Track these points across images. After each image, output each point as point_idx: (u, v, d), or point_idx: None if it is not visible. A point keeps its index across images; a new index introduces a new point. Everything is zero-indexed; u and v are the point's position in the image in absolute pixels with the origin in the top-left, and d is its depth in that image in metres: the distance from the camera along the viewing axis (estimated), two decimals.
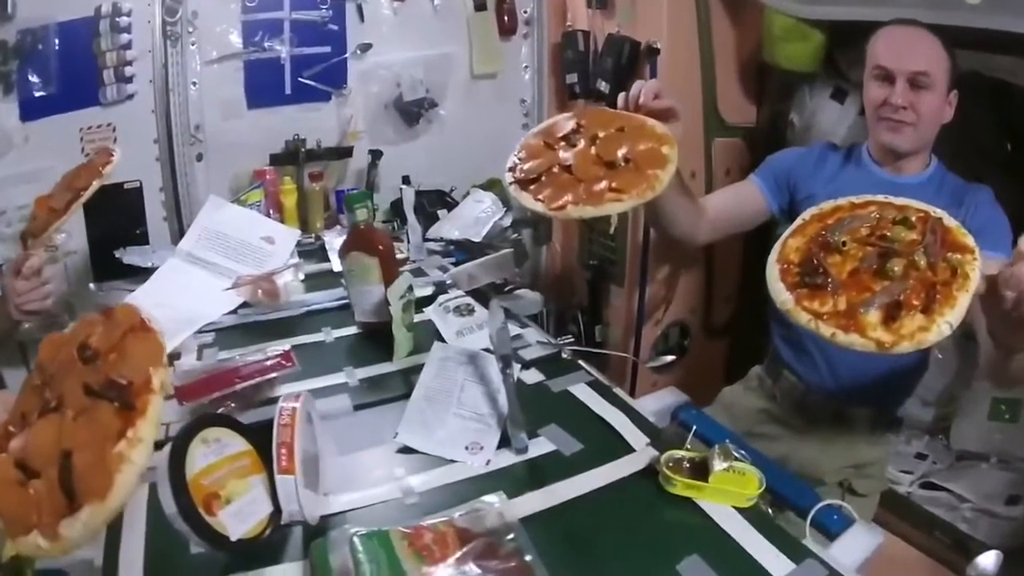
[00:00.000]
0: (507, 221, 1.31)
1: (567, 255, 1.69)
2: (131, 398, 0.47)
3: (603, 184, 0.65)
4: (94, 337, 0.52)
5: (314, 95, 1.33)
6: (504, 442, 0.66)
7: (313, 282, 1.10)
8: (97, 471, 0.44)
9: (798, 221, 0.60)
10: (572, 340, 0.90)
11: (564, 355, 0.85)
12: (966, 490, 1.20)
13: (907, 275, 0.52)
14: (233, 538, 0.51)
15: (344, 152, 1.37)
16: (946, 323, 0.49)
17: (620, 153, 0.66)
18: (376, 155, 1.38)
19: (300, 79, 1.30)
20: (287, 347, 0.75)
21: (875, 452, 0.97)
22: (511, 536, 0.51)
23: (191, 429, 0.53)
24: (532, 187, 0.67)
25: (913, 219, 0.55)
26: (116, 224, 1.21)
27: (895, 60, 0.86)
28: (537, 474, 0.63)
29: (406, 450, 0.66)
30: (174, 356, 0.85)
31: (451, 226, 1.30)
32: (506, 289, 1.08)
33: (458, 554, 0.49)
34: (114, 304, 0.55)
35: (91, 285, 1.11)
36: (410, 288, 0.85)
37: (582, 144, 0.69)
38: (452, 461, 0.64)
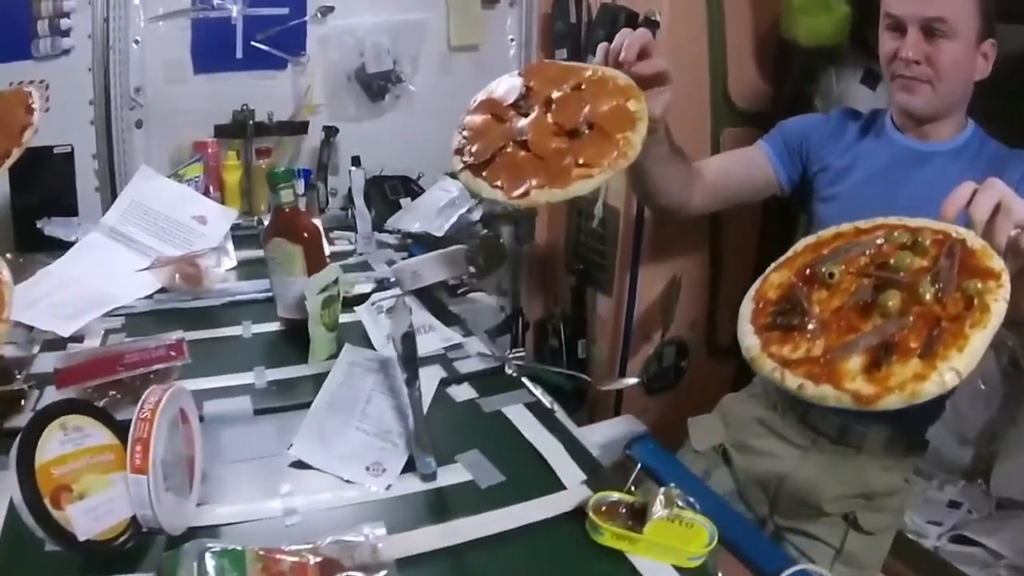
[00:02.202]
0: (476, 215, 1.31)
1: (551, 256, 1.69)
2: None
3: (568, 159, 0.63)
4: None
5: (268, 61, 1.34)
6: (412, 465, 0.65)
7: (248, 270, 1.10)
8: None
9: (789, 252, 0.58)
10: (522, 354, 0.90)
11: (509, 371, 0.85)
12: (1004, 546, 1.15)
13: (906, 311, 0.48)
14: (81, 537, 0.51)
15: (298, 127, 1.38)
16: (951, 370, 0.44)
17: (581, 118, 0.64)
18: (331, 132, 1.39)
19: (253, 43, 1.32)
20: (179, 337, 0.76)
21: (890, 480, 0.91)
22: (385, 572, 0.51)
23: (49, 412, 0.54)
24: (486, 172, 0.65)
25: (928, 242, 0.52)
26: (43, 191, 1.23)
27: (904, 4, 0.82)
28: (442, 506, 0.63)
29: (300, 464, 0.66)
30: (76, 339, 0.87)
31: (412, 217, 1.30)
32: (460, 292, 1.09)
33: None
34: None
35: (7, 255, 1.14)
36: (335, 282, 0.86)
37: (536, 112, 0.67)
38: (349, 482, 0.64)
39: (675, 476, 0.70)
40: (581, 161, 0.63)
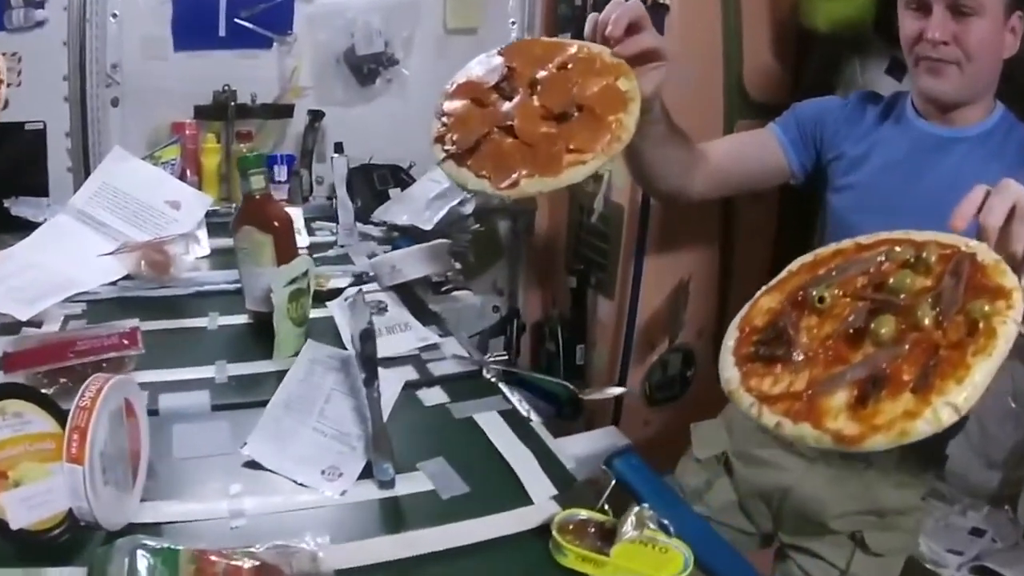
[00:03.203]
0: (468, 208, 1.31)
1: (552, 254, 1.68)
2: None
3: (558, 145, 0.62)
4: None
5: (252, 40, 1.35)
6: (370, 471, 0.65)
7: (221, 260, 1.11)
8: None
9: (783, 273, 0.56)
10: (504, 358, 0.89)
11: (488, 375, 0.85)
12: None
13: (902, 338, 0.45)
14: (13, 526, 0.52)
15: (283, 111, 1.39)
16: (947, 406, 0.41)
17: (569, 100, 0.64)
18: (316, 116, 1.40)
19: (237, 20, 1.33)
20: (133, 325, 0.77)
21: (904, 498, 0.89)
22: None
23: None
24: (470, 161, 0.65)
25: (933, 259, 0.49)
26: (12, 169, 1.25)
27: None
28: (398, 516, 0.62)
29: (253, 465, 0.67)
30: (35, 324, 0.88)
31: (399, 209, 1.31)
32: (443, 289, 1.09)
33: None
34: None
35: None
36: (306, 274, 0.86)
37: (521, 95, 0.67)
38: (303, 486, 0.64)
39: (656, 495, 0.69)
40: (572, 147, 0.62)
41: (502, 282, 1.65)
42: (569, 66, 0.68)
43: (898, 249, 0.52)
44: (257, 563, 0.51)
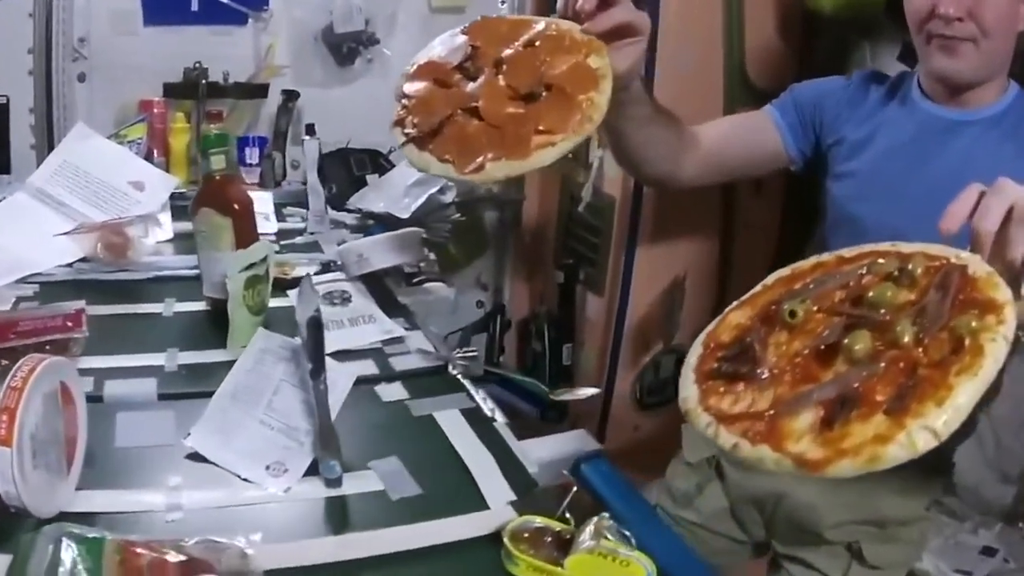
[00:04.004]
0: (448, 196, 1.32)
1: (541, 248, 1.68)
2: None
3: (526, 126, 0.62)
4: None
5: (226, 15, 1.35)
6: (318, 468, 0.65)
7: (185, 244, 1.11)
8: None
9: (757, 287, 0.55)
10: (473, 354, 0.89)
11: (454, 371, 0.85)
12: None
13: (878, 356, 0.44)
14: None
15: (256, 90, 1.40)
16: (924, 430, 0.39)
17: (537, 79, 0.64)
18: (291, 96, 1.40)
19: None
20: (78, 307, 0.77)
21: (906, 507, 0.87)
22: None
23: None
24: (432, 145, 0.65)
25: (918, 271, 0.48)
26: None
27: None
28: (343, 517, 0.62)
29: (196, 457, 0.67)
30: None
31: (376, 196, 1.31)
32: (415, 280, 1.09)
33: None
34: None
35: None
36: (264, 260, 0.86)
37: (486, 75, 0.67)
38: (246, 480, 0.64)
39: (625, 504, 0.69)
40: (541, 128, 0.62)
41: (487, 276, 1.65)
42: (537, 44, 0.68)
43: (881, 261, 0.51)
44: (184, 558, 0.52)
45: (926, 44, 0.83)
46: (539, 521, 0.59)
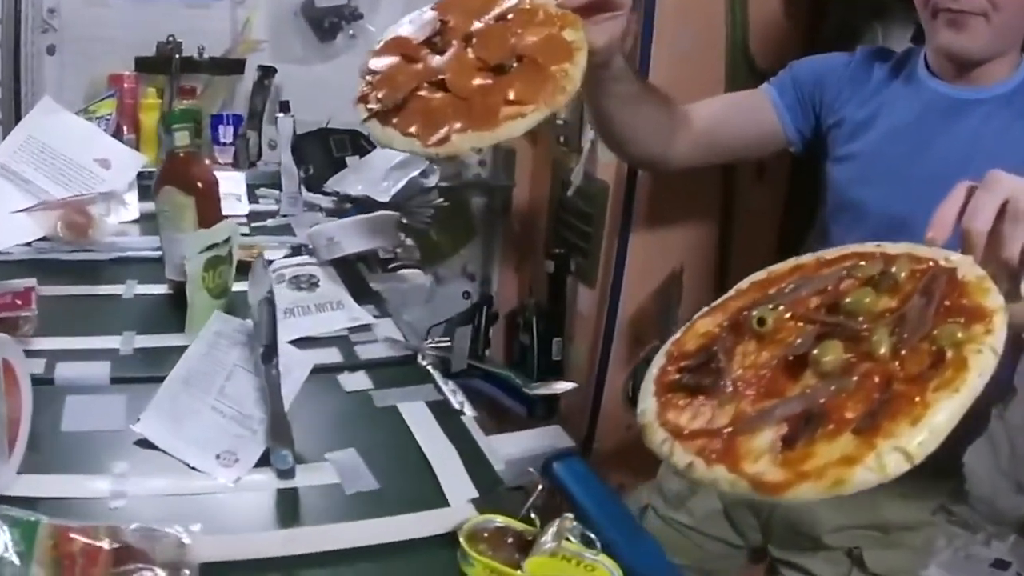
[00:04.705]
0: (431, 180, 1.31)
1: (530, 236, 1.68)
2: None
3: (495, 97, 0.62)
4: None
5: None
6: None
7: (151, 225, 1.11)
8: None
9: (731, 292, 0.53)
10: (446, 344, 0.89)
11: (423, 362, 0.84)
12: None
13: (850, 369, 0.42)
14: None
15: (233, 66, 1.40)
16: (896, 451, 0.37)
17: (508, 51, 0.64)
18: (267, 73, 1.40)
19: None
20: (28, 285, 0.78)
21: (911, 512, 0.86)
22: (186, 574, 0.51)
23: None
24: (396, 119, 0.66)
25: (902, 275, 0.46)
26: None
27: None
28: (292, 510, 0.62)
29: (145, 444, 0.67)
30: None
31: (355, 179, 1.30)
32: (390, 267, 1.09)
33: None
34: None
35: None
36: (227, 241, 0.86)
37: (455, 47, 0.67)
38: (195, 469, 0.64)
39: (597, 506, 0.68)
40: (511, 98, 0.62)
41: (474, 266, 1.64)
42: (509, 17, 0.68)
43: (863, 264, 0.49)
44: (118, 545, 0.52)
45: (932, 18, 0.81)
46: (500, 520, 0.58)
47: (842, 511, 0.86)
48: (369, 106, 0.68)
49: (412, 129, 0.64)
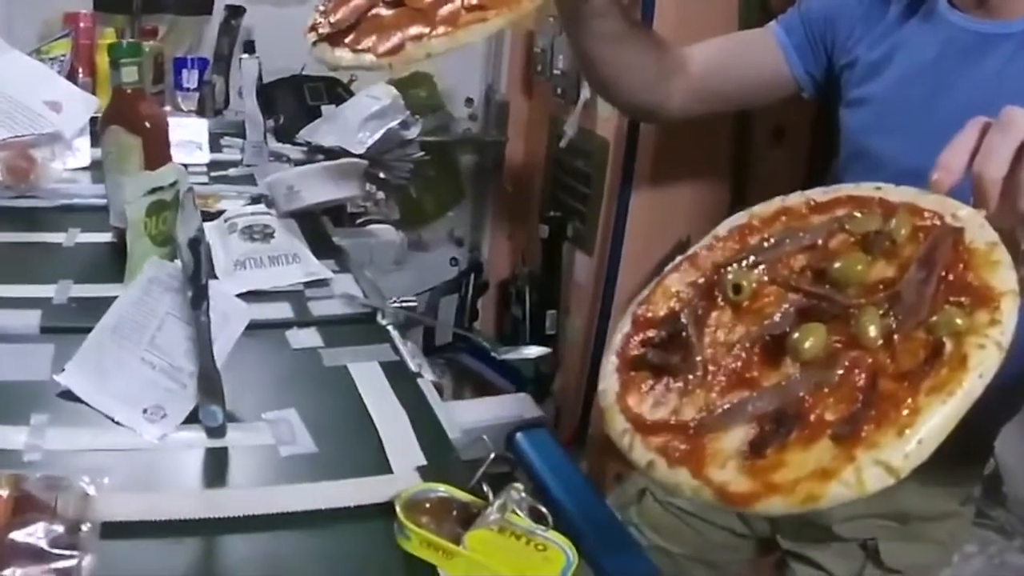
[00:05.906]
0: (412, 132, 1.29)
1: (525, 197, 1.65)
2: None
3: (454, 3, 0.62)
4: None
5: None
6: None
7: (102, 172, 1.12)
8: None
9: (706, 239, 0.49)
10: (412, 304, 0.88)
11: (383, 320, 0.83)
12: None
13: (835, 357, 0.38)
14: None
15: (200, 6, 1.38)
16: (877, 465, 0.35)
17: None
18: (235, 12, 1.38)
19: None
20: None
21: (934, 501, 0.83)
22: (85, 528, 0.50)
23: None
24: (348, 40, 0.66)
25: (904, 232, 0.42)
26: None
27: None
28: (219, 470, 0.62)
29: (69, 396, 0.67)
30: None
31: (328, 128, 1.28)
32: (358, 221, 1.07)
33: None
34: None
35: None
36: (173, 185, 0.85)
37: None
38: (119, 424, 0.64)
39: (559, 481, 0.67)
40: (473, 2, 0.61)
41: (462, 230, 1.62)
42: None
43: (858, 215, 0.45)
44: (17, 494, 0.51)
45: None
46: (442, 490, 0.57)
47: (859, 499, 0.83)
48: (320, 31, 0.67)
49: (363, 44, 0.64)
